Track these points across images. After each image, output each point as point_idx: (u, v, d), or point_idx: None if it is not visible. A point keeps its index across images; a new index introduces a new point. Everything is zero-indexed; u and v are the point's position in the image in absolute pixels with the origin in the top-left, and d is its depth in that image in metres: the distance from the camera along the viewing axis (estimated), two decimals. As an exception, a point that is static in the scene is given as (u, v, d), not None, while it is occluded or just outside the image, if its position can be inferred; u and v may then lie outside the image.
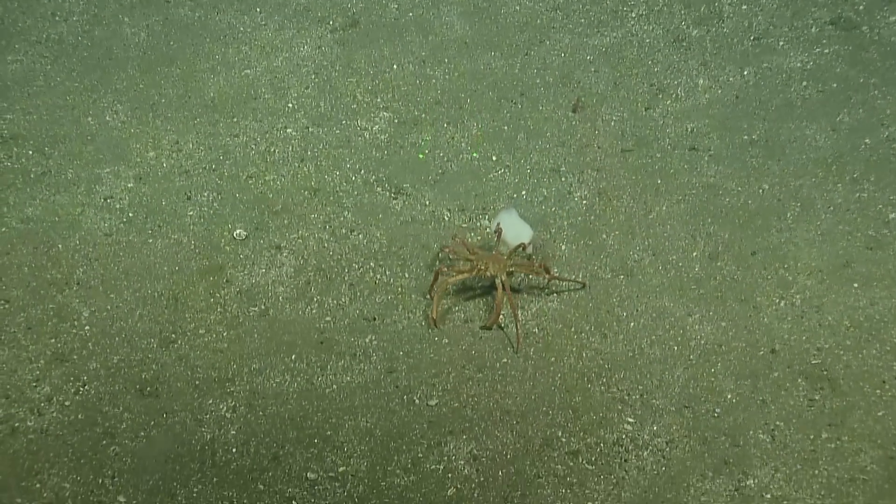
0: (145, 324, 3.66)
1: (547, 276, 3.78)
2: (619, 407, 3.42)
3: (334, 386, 3.49)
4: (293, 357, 3.60)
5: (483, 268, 3.68)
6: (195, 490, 3.11)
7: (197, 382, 3.48)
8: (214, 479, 3.15)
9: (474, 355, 3.62)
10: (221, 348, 3.63)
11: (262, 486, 3.14)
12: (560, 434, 3.33)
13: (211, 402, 3.41)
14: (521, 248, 3.83)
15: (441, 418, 3.38)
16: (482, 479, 3.18)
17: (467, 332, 3.68)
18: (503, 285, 3.65)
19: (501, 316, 3.62)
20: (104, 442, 3.26)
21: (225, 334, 3.68)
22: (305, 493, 3.13)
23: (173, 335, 3.65)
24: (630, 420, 3.38)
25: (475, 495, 3.14)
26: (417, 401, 3.44)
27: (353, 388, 3.48)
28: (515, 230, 3.92)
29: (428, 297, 3.68)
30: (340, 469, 3.20)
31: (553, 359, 3.61)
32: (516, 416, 3.40)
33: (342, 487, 3.15)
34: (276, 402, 3.43)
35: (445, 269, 3.66)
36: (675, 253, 3.99)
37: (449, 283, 3.65)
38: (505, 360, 3.62)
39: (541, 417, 3.39)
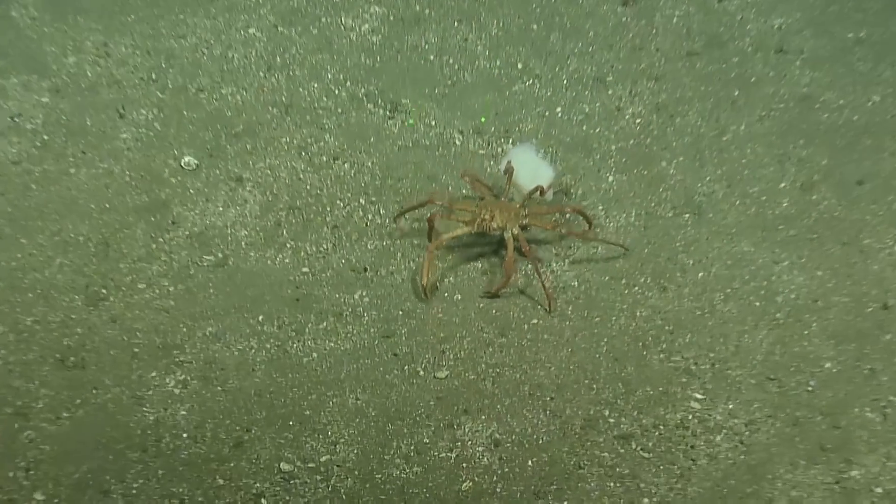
0: (67, 276, 3.65)
1: (574, 234, 3.69)
2: (684, 379, 3.41)
3: (314, 354, 3.48)
4: (260, 318, 3.59)
5: (488, 218, 3.59)
6: (134, 485, 3.10)
7: (136, 350, 3.47)
8: (160, 472, 3.14)
9: (495, 315, 3.60)
10: (167, 307, 3.62)
11: (221, 481, 3.13)
12: (607, 413, 3.32)
13: (154, 374, 3.40)
14: (538, 194, 3.75)
15: (452, 394, 3.37)
16: (506, 469, 3.18)
17: (484, 284, 3.67)
18: (516, 241, 3.59)
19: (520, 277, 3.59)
20: (16, 425, 3.24)
21: (171, 289, 3.67)
22: (278, 488, 3.12)
23: (104, 290, 3.64)
24: (698, 396, 3.37)
25: (497, 489, 3.13)
26: (422, 372, 3.43)
27: (338, 357, 3.47)
28: (531, 170, 3.83)
29: (419, 259, 3.67)
30: (323, 458, 3.19)
31: (598, 319, 3.60)
32: (550, 391, 3.39)
33: (325, 481, 3.14)
34: (239, 374, 3.42)
35: (440, 216, 3.59)
36: (758, 183, 3.97)
37: (443, 241, 3.59)
38: (535, 320, 3.60)
39: (582, 393, 3.38)
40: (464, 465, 3.20)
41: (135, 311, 3.59)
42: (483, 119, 3.93)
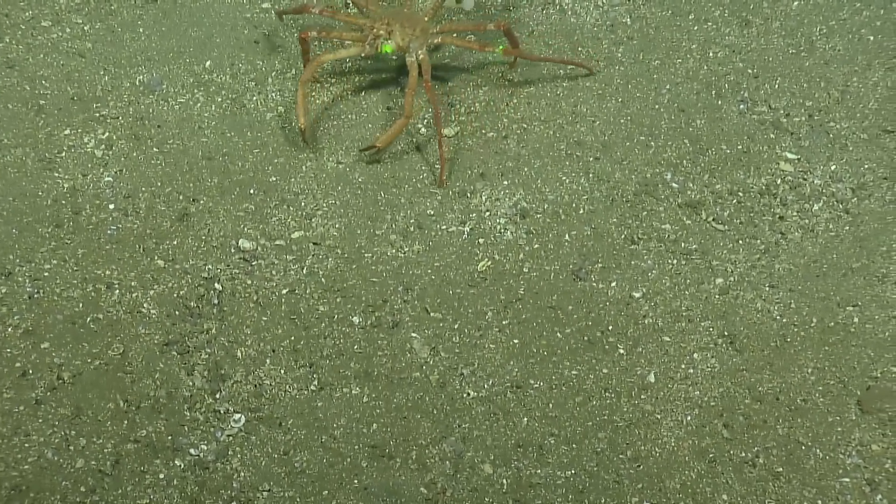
0: (-49, 12, 3.54)
1: (503, 52, 3.31)
2: (772, 135, 3.30)
3: (280, 109, 3.32)
4: (207, 64, 3.43)
5: (383, 34, 3.27)
6: (46, 266, 3.00)
7: (42, 103, 3.34)
8: (80, 252, 3.04)
9: (519, 60, 3.46)
10: (82, 50, 3.47)
11: (161, 262, 3.03)
12: (669, 177, 3.21)
13: (68, 132, 3.28)
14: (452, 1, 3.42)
15: (465, 155, 3.23)
16: (535, 245, 3.06)
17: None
18: (419, 67, 3.25)
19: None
20: None
21: (87, 28, 3.52)
22: (237, 270, 3.00)
23: None
24: (790, 156, 3.26)
25: (524, 269, 3.01)
26: (425, 130, 3.31)
27: (313, 112, 3.37)
28: None
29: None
30: (295, 235, 3.09)
31: (657, 62, 3.45)
32: (594, 150, 3.26)
33: (298, 262, 3.02)
34: (182, 133, 3.28)
35: (315, 33, 3.28)
36: None
37: (323, 62, 3.30)
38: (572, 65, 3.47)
39: (636, 152, 3.26)
40: (480, 240, 3.10)
41: (38, 54, 3.44)
42: None
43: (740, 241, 3.08)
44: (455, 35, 3.38)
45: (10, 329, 2.87)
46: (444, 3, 3.40)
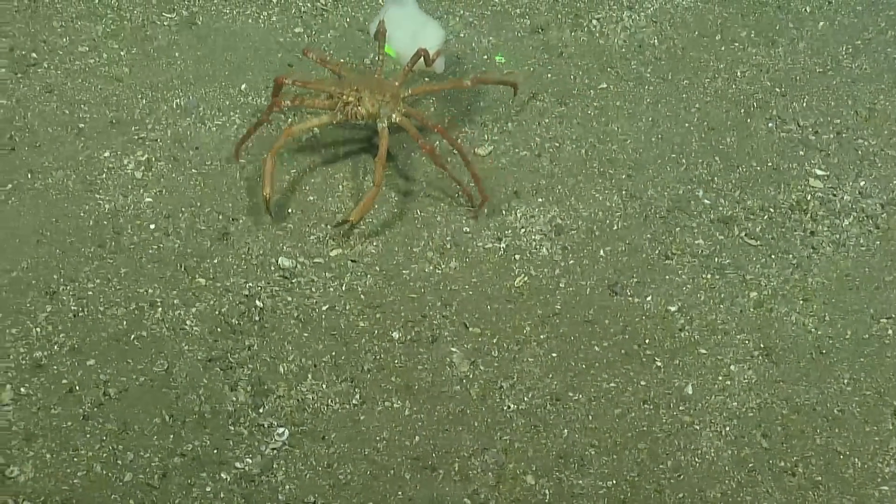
0: (-14, 37, 3.60)
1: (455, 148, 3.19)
2: (801, 152, 3.36)
3: (316, 130, 3.42)
4: (242, 87, 3.50)
5: (353, 102, 3.20)
6: (90, 286, 3.06)
7: (81, 126, 3.40)
8: (122, 271, 3.09)
9: (550, 80, 3.50)
10: (118, 75, 3.54)
11: (203, 280, 3.09)
12: (701, 194, 3.27)
13: (107, 155, 3.34)
14: (420, 59, 3.30)
15: (499, 174, 3.29)
16: (571, 261, 3.11)
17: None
18: (387, 132, 3.18)
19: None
20: (-67, 221, 3.23)
21: (123, 54, 3.58)
22: (277, 287, 3.04)
23: (34, 55, 3.55)
24: (819, 172, 3.32)
25: (560, 285, 3.05)
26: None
27: (345, 138, 3.42)
28: (412, 30, 3.41)
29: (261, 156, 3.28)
30: (333, 253, 3.14)
31: (686, 82, 3.52)
32: (626, 168, 3.33)
33: (337, 279, 3.06)
34: (219, 154, 3.35)
35: (288, 103, 3.21)
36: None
37: (294, 133, 3.24)
38: (604, 84, 3.50)
39: (668, 169, 3.32)
40: (516, 256, 3.16)
41: (76, 79, 3.50)
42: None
43: (773, 256, 3.14)
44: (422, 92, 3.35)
45: (56, 347, 2.93)
46: (414, 66, 3.32)
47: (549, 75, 3.54)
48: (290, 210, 3.23)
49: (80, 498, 2.67)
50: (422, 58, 3.27)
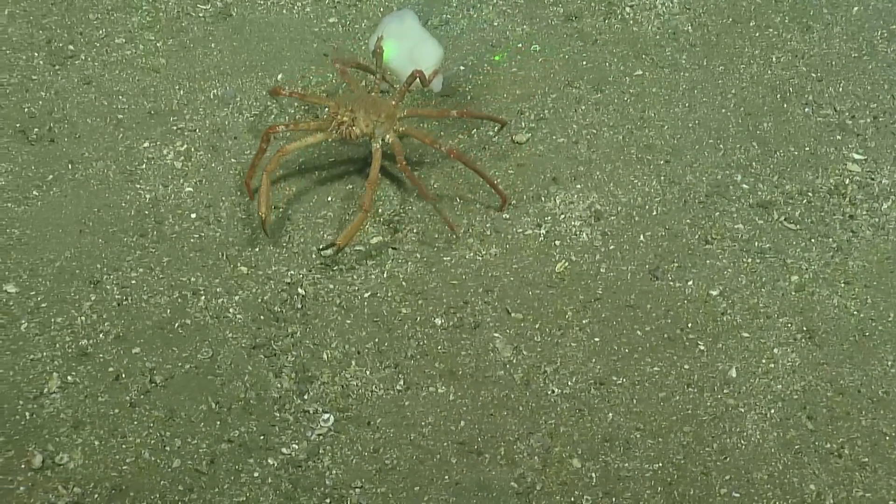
0: (21, 29, 3.60)
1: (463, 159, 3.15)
2: (839, 136, 3.37)
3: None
4: (279, 77, 3.50)
5: (347, 122, 3.17)
6: (133, 275, 3.08)
7: (120, 117, 3.42)
8: (165, 260, 3.11)
9: (585, 67, 3.52)
10: (156, 66, 3.56)
11: (244, 269, 3.11)
12: (739, 178, 3.28)
13: (147, 145, 3.36)
14: (416, 81, 3.27)
15: (536, 161, 3.30)
16: (611, 246, 3.12)
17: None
18: (380, 153, 3.17)
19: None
20: (-25, 212, 3.25)
21: (160, 45, 3.60)
22: (318, 275, 3.07)
23: (70, 47, 3.58)
24: (857, 156, 3.33)
25: (601, 270, 3.06)
26: (495, 137, 3.41)
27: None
28: (409, 46, 3.41)
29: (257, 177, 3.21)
30: (374, 241, 3.16)
31: (721, 68, 3.53)
32: (664, 154, 3.34)
33: (378, 266, 3.07)
34: (256, 139, 3.33)
35: (282, 127, 3.20)
36: None
37: (287, 152, 3.21)
38: (639, 71, 3.51)
39: (706, 155, 3.33)
40: (556, 242, 3.17)
41: (114, 70, 3.52)
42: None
43: (813, 240, 3.15)
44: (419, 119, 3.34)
45: (101, 335, 2.95)
46: (411, 87, 3.29)
47: (585, 63, 3.55)
48: (329, 198, 3.25)
49: (130, 484, 2.70)
50: (416, 79, 3.24)
